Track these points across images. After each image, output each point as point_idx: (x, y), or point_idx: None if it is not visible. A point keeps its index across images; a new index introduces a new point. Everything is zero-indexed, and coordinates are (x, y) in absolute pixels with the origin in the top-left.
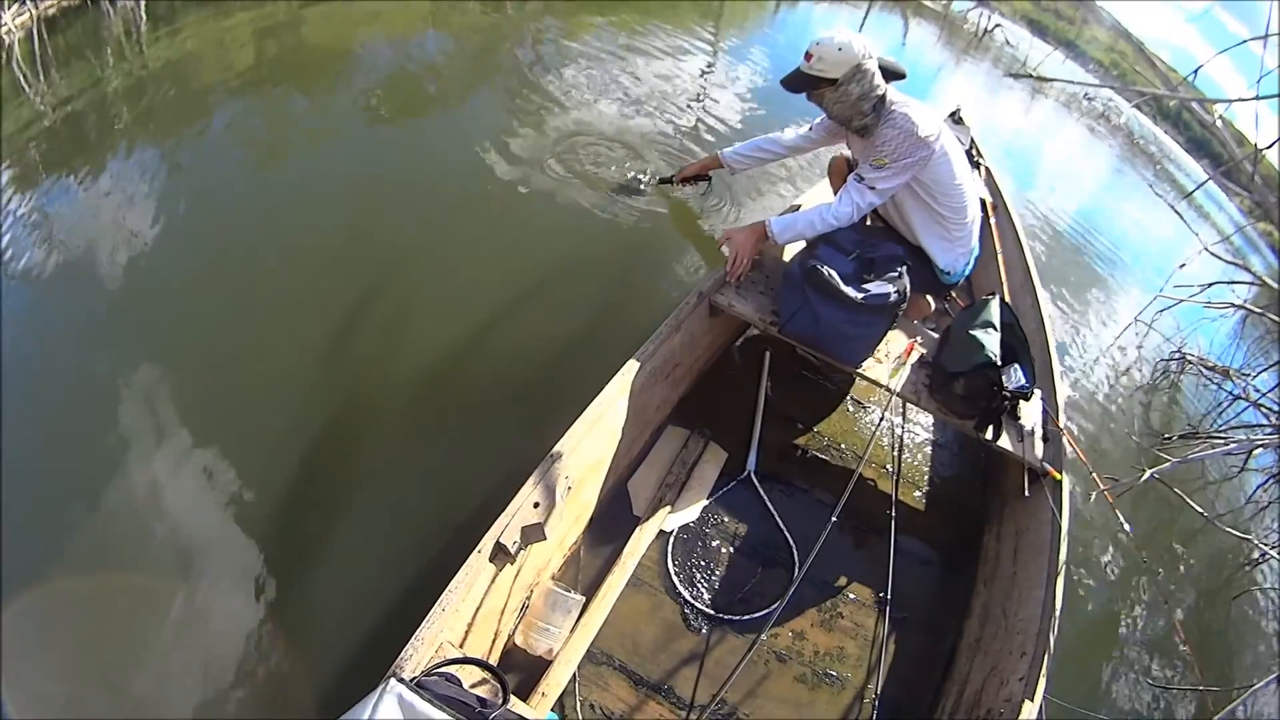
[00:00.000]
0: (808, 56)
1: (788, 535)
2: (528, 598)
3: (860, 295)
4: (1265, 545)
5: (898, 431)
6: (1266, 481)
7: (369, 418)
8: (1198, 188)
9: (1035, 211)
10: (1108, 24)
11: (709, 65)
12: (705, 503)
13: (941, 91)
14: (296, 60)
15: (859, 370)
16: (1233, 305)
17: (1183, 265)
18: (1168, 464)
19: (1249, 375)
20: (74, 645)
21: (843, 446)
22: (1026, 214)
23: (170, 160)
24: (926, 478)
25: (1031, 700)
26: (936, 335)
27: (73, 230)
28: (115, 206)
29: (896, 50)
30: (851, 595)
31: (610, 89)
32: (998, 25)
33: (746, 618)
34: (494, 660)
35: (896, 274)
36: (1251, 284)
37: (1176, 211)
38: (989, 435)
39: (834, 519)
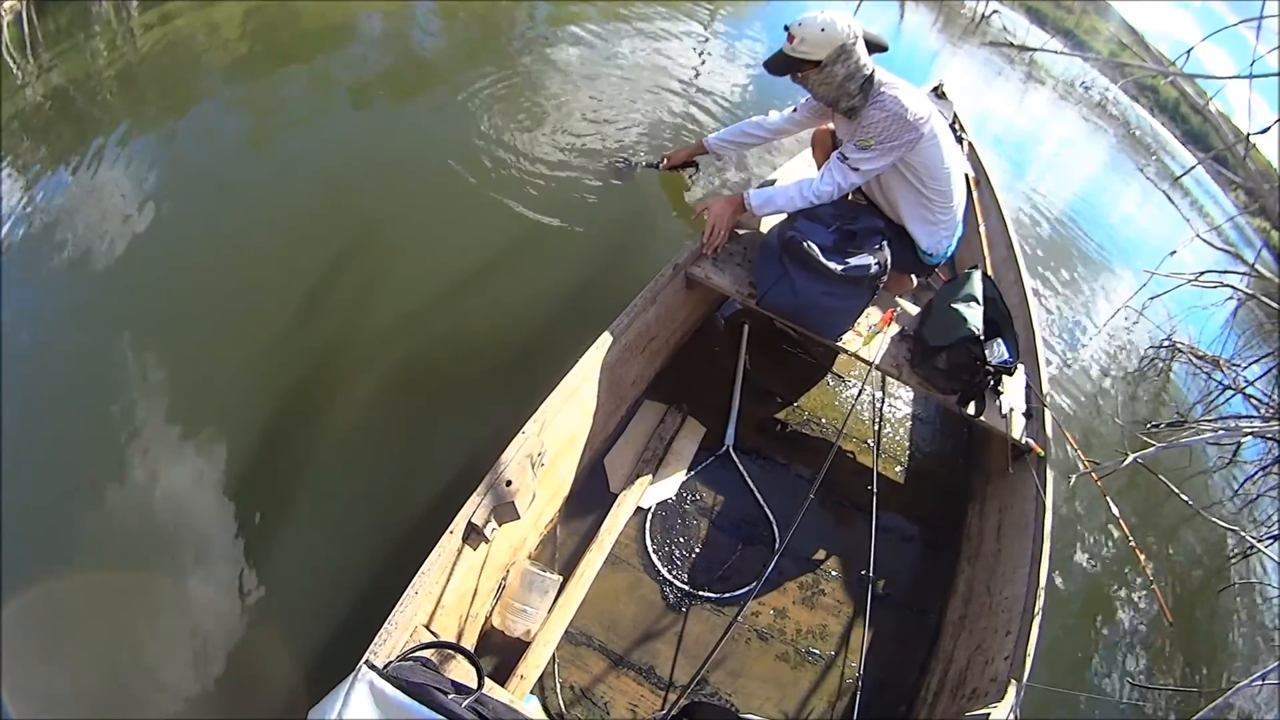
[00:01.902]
0: (790, 38)
1: (768, 511)
2: (504, 578)
3: (840, 267)
4: (1253, 538)
5: (879, 406)
6: (1255, 474)
7: (338, 395)
8: (1186, 172)
9: (1028, 198)
10: (1107, 14)
11: (703, 46)
12: (683, 479)
13: (935, 77)
14: (287, 39)
15: (839, 344)
16: (1222, 284)
17: (1173, 252)
18: (1152, 449)
19: (1239, 366)
20: (44, 640)
21: (823, 421)
22: (1019, 200)
23: (158, 140)
24: (908, 453)
25: (1018, 680)
26: (918, 309)
27: (58, 210)
28: (102, 186)
29: (891, 36)
30: (833, 572)
31: (601, 68)
32: (995, 11)
33: (727, 595)
34: (471, 643)
35: (877, 246)
36: (1244, 274)
37: (1169, 198)
38: (971, 410)
39: (812, 495)
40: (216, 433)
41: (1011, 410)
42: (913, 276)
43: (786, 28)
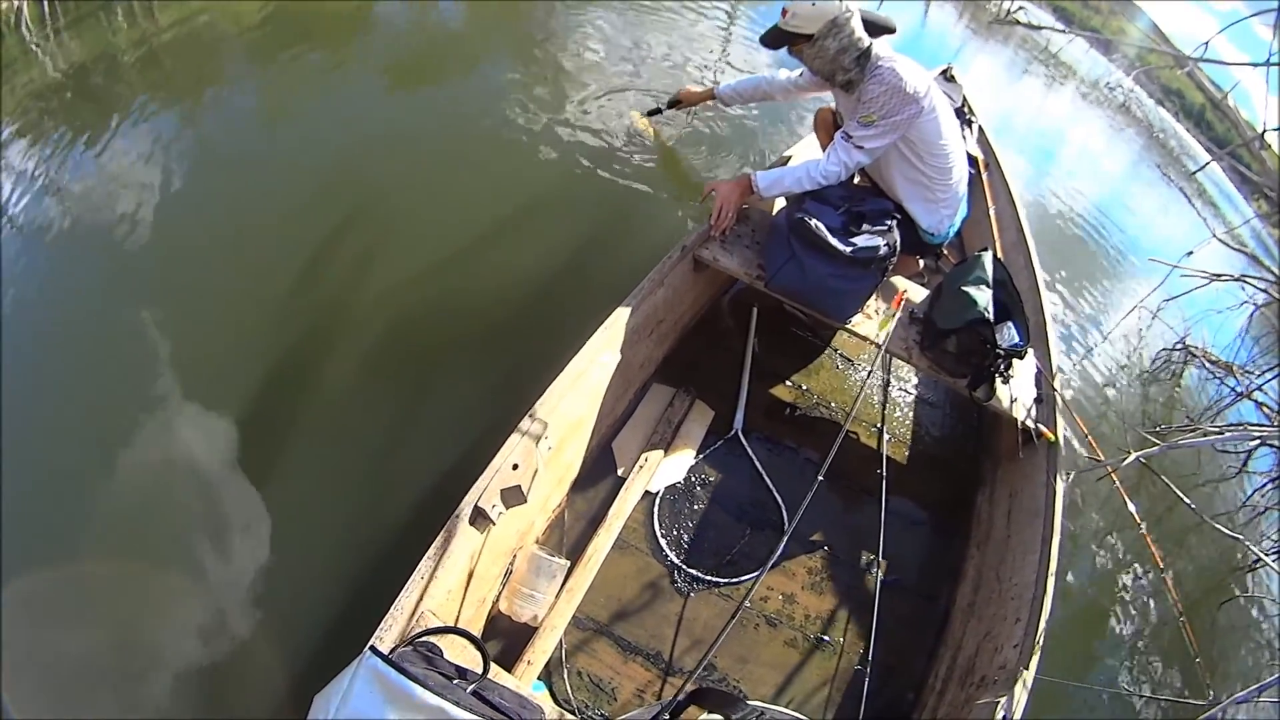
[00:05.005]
0: (784, 12)
1: (776, 495)
2: (511, 563)
3: (848, 248)
4: (1260, 551)
5: (888, 389)
6: (1264, 485)
7: (342, 378)
8: (1201, 168)
9: (1048, 193)
10: (1134, 15)
11: (724, 27)
12: (692, 462)
13: (959, 73)
14: (306, 16)
15: (848, 326)
16: (1245, 281)
17: (1190, 253)
18: (1156, 448)
19: (1253, 373)
20: (44, 629)
21: (832, 404)
22: (1038, 194)
23: (172, 115)
24: (918, 437)
25: (1027, 668)
26: (926, 292)
27: (66, 182)
28: (113, 160)
29: (916, 30)
30: (842, 557)
31: (621, 46)
32: (1021, 8)
33: (735, 580)
34: (479, 628)
35: (886, 228)
36: (1262, 278)
37: (1188, 198)
38: (981, 394)
39: (820, 478)
40: (218, 412)
41: (1022, 394)
42: (919, 259)
43: (783, 6)
